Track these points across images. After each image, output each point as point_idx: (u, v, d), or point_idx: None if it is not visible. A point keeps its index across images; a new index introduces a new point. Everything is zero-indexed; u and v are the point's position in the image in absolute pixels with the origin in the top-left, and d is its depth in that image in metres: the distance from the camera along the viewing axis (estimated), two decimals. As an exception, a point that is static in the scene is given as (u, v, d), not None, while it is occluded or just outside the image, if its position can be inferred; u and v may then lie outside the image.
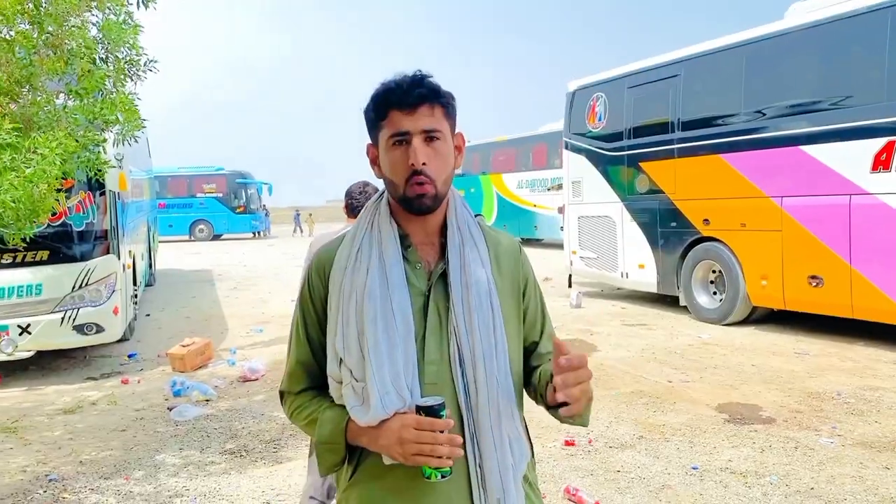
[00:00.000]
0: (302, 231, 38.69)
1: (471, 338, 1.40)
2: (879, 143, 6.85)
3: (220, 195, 30.78)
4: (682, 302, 9.30)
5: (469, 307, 1.41)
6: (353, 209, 3.91)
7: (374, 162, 1.49)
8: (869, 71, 7.08)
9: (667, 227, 9.35)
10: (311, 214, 40.73)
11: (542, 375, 1.50)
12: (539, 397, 1.50)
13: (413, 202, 1.40)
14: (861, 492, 3.87)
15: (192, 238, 30.49)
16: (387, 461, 1.37)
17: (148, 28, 5.11)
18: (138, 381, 6.84)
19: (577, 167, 11.02)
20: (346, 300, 1.41)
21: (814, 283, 7.54)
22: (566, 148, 11.28)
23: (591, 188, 10.70)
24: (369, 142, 1.50)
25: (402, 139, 1.39)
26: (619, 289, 11.31)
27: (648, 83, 9.59)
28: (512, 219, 22.81)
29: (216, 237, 30.98)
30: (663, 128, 9.32)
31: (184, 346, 7.33)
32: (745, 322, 8.61)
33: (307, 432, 1.54)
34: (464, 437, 1.37)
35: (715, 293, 8.99)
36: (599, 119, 10.48)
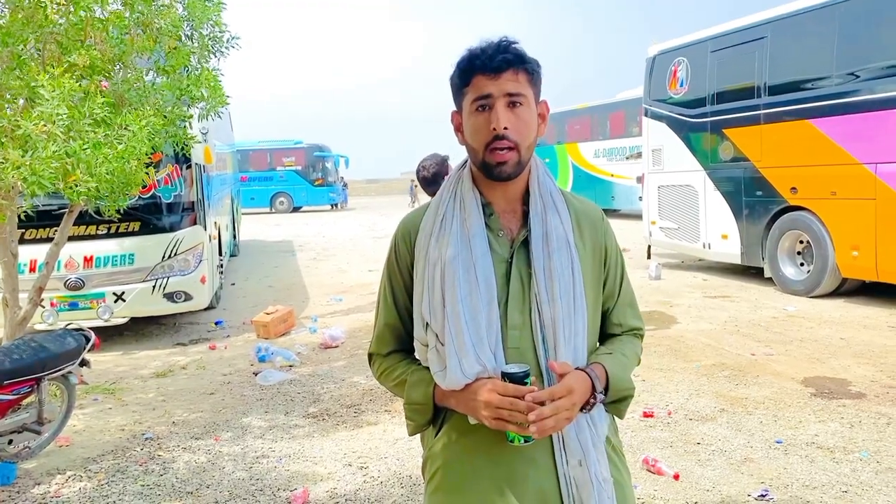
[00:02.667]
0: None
1: (552, 304, 1.42)
2: None
3: (299, 168, 31.40)
4: (767, 273, 8.99)
5: (551, 274, 1.43)
6: (425, 181, 3.97)
7: (458, 129, 1.51)
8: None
9: (752, 196, 9.03)
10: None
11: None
12: None
13: (493, 169, 1.42)
14: (959, 471, 3.70)
15: (273, 210, 31.29)
16: (472, 421, 1.41)
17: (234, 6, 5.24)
18: (225, 347, 7.14)
19: (657, 135, 10.73)
20: (431, 267, 1.45)
21: (910, 254, 7.16)
22: (646, 115, 10.99)
23: (672, 156, 10.41)
24: (454, 109, 1.51)
25: (486, 103, 1.40)
26: (700, 260, 11.02)
27: (733, 46, 9.21)
28: (588, 189, 22.44)
29: (296, 209, 31.69)
30: (748, 93, 8.95)
31: (267, 313, 7.59)
32: (833, 294, 8.26)
33: (395, 393, 1.60)
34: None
35: (802, 264, 8.65)
36: (681, 84, 10.15)
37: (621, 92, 21.36)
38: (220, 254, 9.99)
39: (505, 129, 1.38)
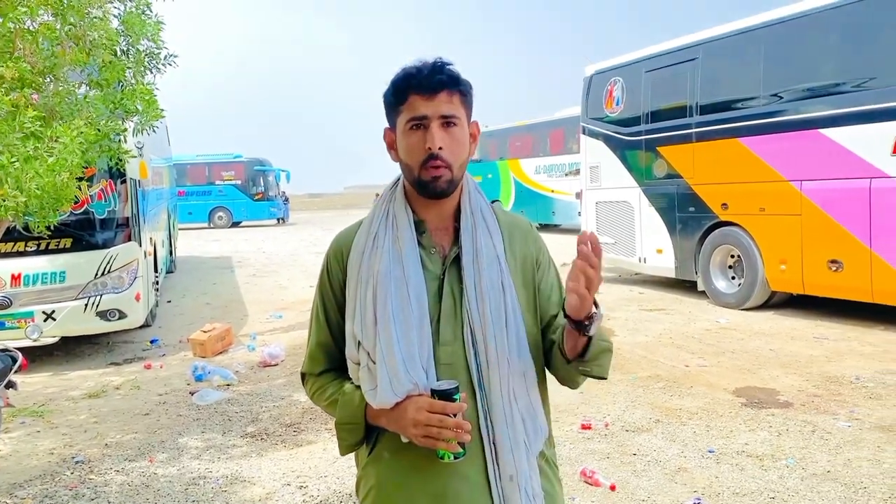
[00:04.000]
0: None
1: (483, 320, 1.44)
2: (901, 125, 6.78)
3: (239, 182, 30.94)
4: (700, 287, 9.27)
5: (481, 290, 1.45)
6: None
7: (392, 146, 1.52)
8: (889, 52, 6.98)
9: (685, 212, 9.31)
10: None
11: (560, 332, 1.51)
12: (560, 353, 1.49)
13: (428, 185, 1.44)
14: (878, 475, 3.88)
15: (212, 225, 30.71)
16: (404, 439, 1.42)
17: (176, 19, 5.18)
18: (160, 367, 6.97)
19: (594, 152, 10.98)
20: (363, 285, 1.46)
21: (833, 268, 7.49)
22: (583, 133, 11.24)
23: (609, 173, 10.66)
24: (387, 126, 1.53)
25: (420, 123, 1.42)
26: (636, 274, 11.28)
27: (666, 67, 9.52)
28: (530, 204, 22.75)
29: (235, 224, 31.20)
30: (681, 112, 9.26)
31: (204, 331, 7.44)
32: (763, 307, 8.58)
33: (328, 412, 1.59)
34: (478, 415, 1.42)
35: (733, 278, 8.95)
36: (617, 103, 10.42)
37: (561, 109, 21.77)
38: (156, 270, 9.76)
39: (440, 148, 1.41)
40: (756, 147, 8.25)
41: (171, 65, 5.30)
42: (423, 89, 1.42)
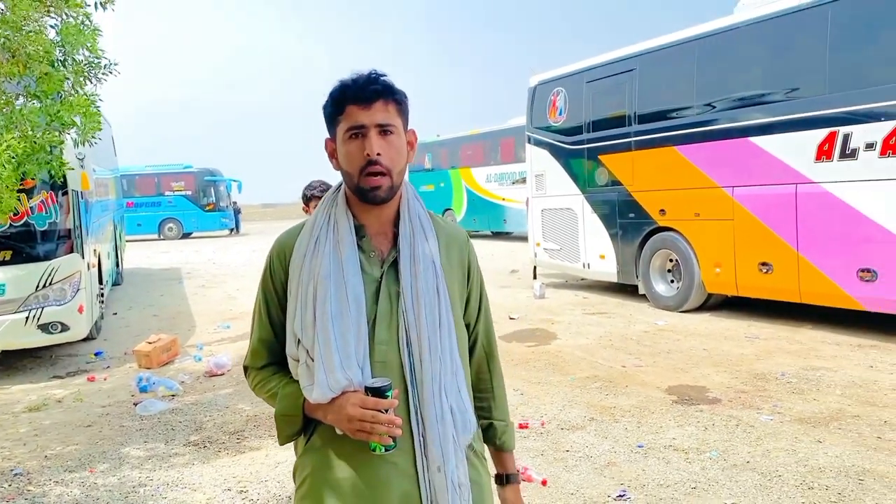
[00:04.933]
0: None
1: (417, 321, 1.53)
2: (822, 133, 7.13)
3: (189, 193, 30.56)
4: (641, 290, 9.56)
5: (417, 293, 1.54)
6: (304, 199, 4.24)
7: (332, 155, 1.60)
8: (812, 64, 7.35)
9: (625, 218, 9.60)
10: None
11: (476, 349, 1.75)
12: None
13: (367, 192, 1.52)
14: (793, 463, 4.11)
15: (162, 237, 30.26)
16: (339, 432, 1.51)
17: (119, 28, 5.19)
18: (104, 379, 6.92)
19: (539, 161, 11.23)
20: (304, 285, 1.54)
21: (764, 270, 7.82)
22: (529, 142, 11.48)
23: (554, 181, 10.92)
24: (327, 136, 1.61)
25: (359, 132, 1.51)
26: (581, 279, 11.56)
27: (606, 77, 9.82)
28: (482, 213, 23.00)
29: (186, 235, 30.78)
30: (620, 121, 9.56)
31: (150, 342, 7.41)
32: (700, 309, 8.89)
33: (269, 404, 1.67)
34: (409, 410, 1.51)
35: (672, 281, 9.26)
36: (560, 113, 10.69)
37: (511, 119, 22.07)
38: (101, 282, 9.65)
39: (378, 154, 1.49)
40: (691, 155, 8.57)
41: (112, 73, 5.30)
42: (359, 100, 1.50)
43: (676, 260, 9.06)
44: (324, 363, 1.48)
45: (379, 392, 1.44)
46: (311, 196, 4.33)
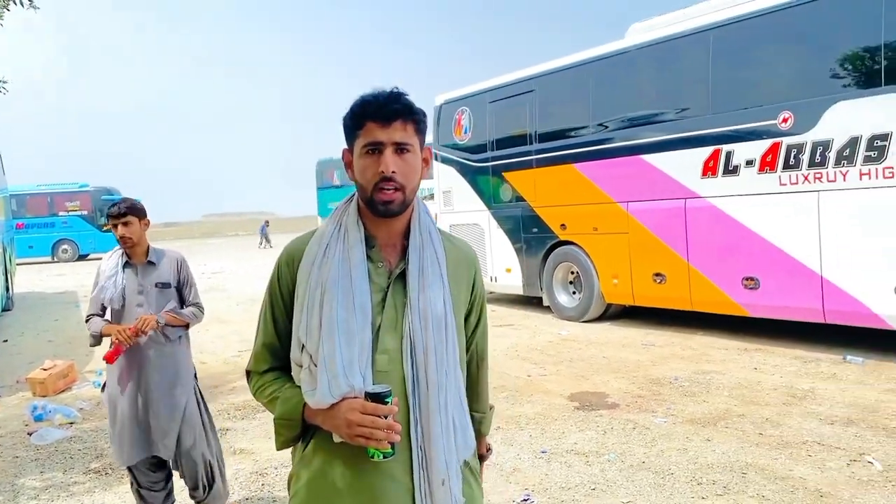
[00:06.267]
0: (269, 243, 36.59)
1: (424, 334, 1.55)
2: (707, 151, 7.63)
3: (85, 213, 29.30)
4: (546, 302, 9.89)
5: (424, 305, 1.56)
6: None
7: (349, 166, 1.64)
8: (697, 86, 7.85)
9: (529, 233, 9.92)
10: (268, 224, 39.27)
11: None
12: None
13: (378, 206, 1.55)
14: (684, 461, 4.39)
15: (56, 259, 28.87)
16: (336, 439, 1.52)
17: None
18: (-5, 409, 6.58)
19: (446, 178, 11.46)
20: (311, 292, 1.55)
21: (658, 280, 8.26)
22: (436, 159, 11.68)
23: (461, 198, 11.16)
24: (345, 147, 1.65)
25: (376, 148, 1.54)
26: (490, 292, 11.82)
27: (507, 98, 10.15)
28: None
29: (82, 257, 29.45)
30: (522, 140, 9.90)
31: (45, 369, 7.10)
32: (601, 318, 9.29)
33: (269, 409, 1.67)
34: (409, 422, 1.53)
35: (574, 293, 9.62)
36: (465, 132, 10.96)
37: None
38: (-10, 308, 9.16)
39: (393, 172, 1.52)
40: (588, 172, 8.96)
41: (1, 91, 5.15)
42: (378, 117, 1.53)
43: (578, 272, 9.42)
44: (327, 369, 1.49)
45: (379, 398, 1.46)
46: (108, 214, 3.86)
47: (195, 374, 3.82)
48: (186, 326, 3.73)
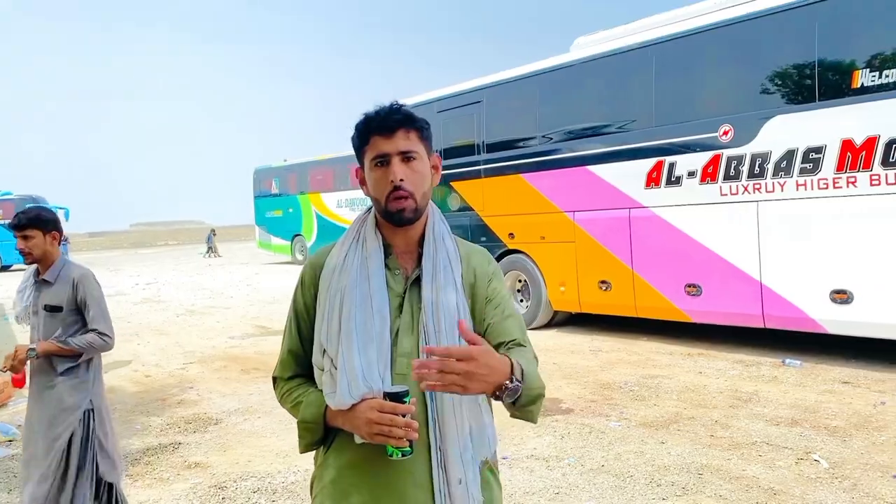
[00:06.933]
0: (216, 253, 35.51)
1: (438, 336, 1.59)
2: (651, 162, 7.87)
3: (8, 222, 28.06)
4: (494, 311, 9.96)
5: (438, 308, 1.61)
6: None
7: (362, 182, 1.71)
8: (640, 99, 8.10)
9: (477, 242, 9.83)
10: (215, 233, 37.95)
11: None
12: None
13: (394, 215, 1.62)
14: (641, 464, 4.51)
15: (-24, 270, 27.55)
16: (357, 440, 1.56)
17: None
18: (-74, 429, 6.25)
19: (392, 187, 11.44)
20: (331, 297, 1.62)
21: (603, 288, 8.46)
22: (381, 168, 11.67)
23: (407, 207, 11.15)
24: (356, 166, 1.72)
25: (383, 160, 1.61)
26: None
27: (455, 108, 10.25)
28: (333, 238, 22.44)
29: (5, 268, 28.19)
30: (470, 150, 10.00)
31: (-22, 386, 6.79)
32: (548, 325, 9.45)
33: (292, 414, 1.72)
34: (427, 422, 1.57)
35: (522, 301, 9.76)
36: (412, 141, 10.97)
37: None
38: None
39: (401, 180, 1.59)
40: (536, 182, 9.13)
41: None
42: (382, 130, 1.60)
43: (525, 280, 9.57)
44: (346, 371, 1.54)
45: (397, 397, 1.50)
46: (10, 225, 3.65)
47: (90, 410, 3.36)
48: (78, 356, 3.29)
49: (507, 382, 1.42)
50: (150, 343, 9.86)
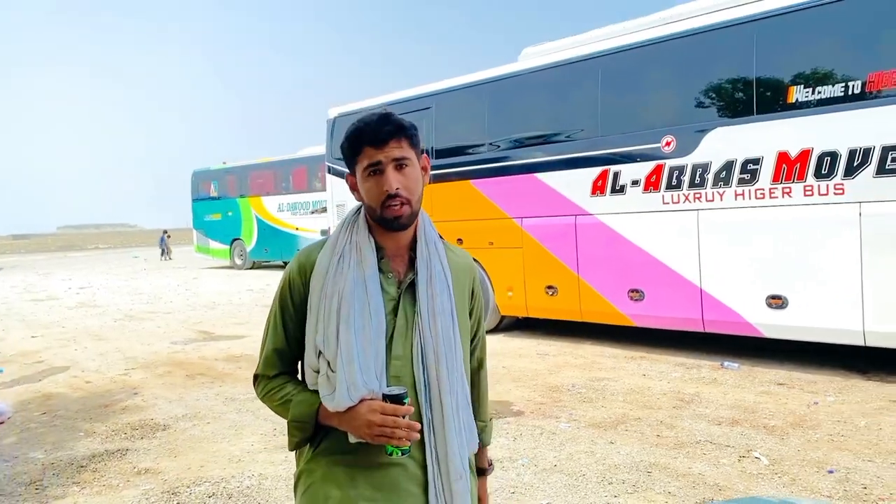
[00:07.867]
0: (170, 255, 35.47)
1: (434, 339, 1.66)
2: (596, 171, 8.08)
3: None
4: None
5: (433, 313, 1.67)
6: None
7: (354, 188, 1.74)
8: (586, 109, 8.31)
9: (425, 247, 10.05)
10: (168, 235, 37.35)
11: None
12: None
13: (390, 222, 1.65)
14: (593, 463, 4.64)
15: None
16: (352, 439, 1.61)
17: None
18: None
19: (340, 191, 11.40)
20: (327, 301, 1.64)
21: (550, 293, 8.63)
22: (329, 172, 11.64)
23: (354, 211, 11.13)
24: (348, 172, 1.74)
25: (376, 169, 1.64)
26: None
27: (404, 114, 10.08)
28: (274, 242, 22.62)
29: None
30: (419, 155, 10.04)
31: None
32: (495, 330, 9.56)
33: (277, 411, 1.75)
34: (421, 423, 1.63)
35: (469, 306, 9.84)
36: (359, 145, 10.95)
37: (304, 148, 22.03)
38: None
39: (396, 188, 1.63)
40: (484, 188, 9.25)
41: None
42: (374, 141, 1.64)
43: (473, 286, 9.65)
44: (345, 374, 1.58)
45: (397, 399, 1.55)
46: None
47: None
48: None
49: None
50: (89, 348, 9.58)
